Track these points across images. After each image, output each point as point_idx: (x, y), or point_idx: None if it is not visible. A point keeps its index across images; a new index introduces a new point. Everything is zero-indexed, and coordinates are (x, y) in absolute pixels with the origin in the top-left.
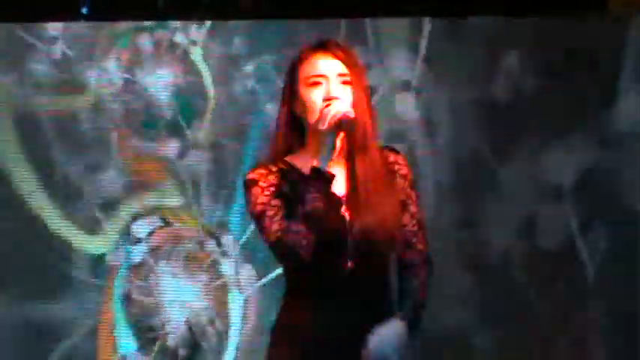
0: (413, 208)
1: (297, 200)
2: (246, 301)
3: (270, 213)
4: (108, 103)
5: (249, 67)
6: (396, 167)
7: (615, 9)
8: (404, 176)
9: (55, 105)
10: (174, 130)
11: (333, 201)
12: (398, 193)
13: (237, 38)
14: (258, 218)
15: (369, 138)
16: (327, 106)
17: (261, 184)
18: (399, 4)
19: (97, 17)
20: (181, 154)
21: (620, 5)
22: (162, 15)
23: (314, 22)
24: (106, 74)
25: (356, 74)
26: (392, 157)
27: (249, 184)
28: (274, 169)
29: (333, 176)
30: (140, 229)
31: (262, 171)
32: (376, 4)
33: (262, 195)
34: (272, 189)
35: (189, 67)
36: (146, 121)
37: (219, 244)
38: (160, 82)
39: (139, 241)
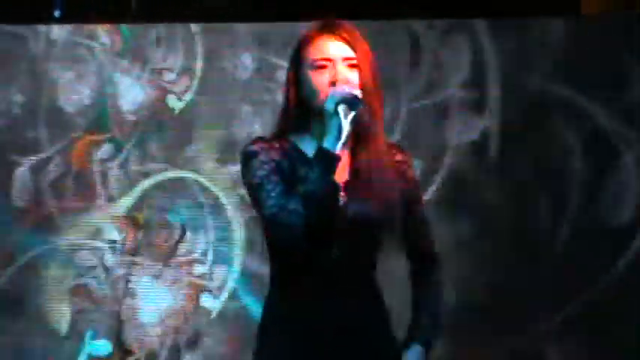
0: (420, 212)
1: (295, 180)
2: (218, 303)
3: (268, 187)
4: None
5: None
6: (403, 167)
7: (588, 11)
8: (411, 179)
9: None
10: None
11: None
12: (401, 190)
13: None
14: (255, 190)
15: (377, 123)
16: (334, 88)
17: (261, 157)
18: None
19: (70, 20)
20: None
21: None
22: (136, 17)
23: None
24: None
25: (363, 57)
26: (399, 156)
27: (249, 155)
28: (276, 145)
29: (338, 158)
30: (113, 232)
31: (264, 145)
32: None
33: (262, 168)
34: (272, 164)
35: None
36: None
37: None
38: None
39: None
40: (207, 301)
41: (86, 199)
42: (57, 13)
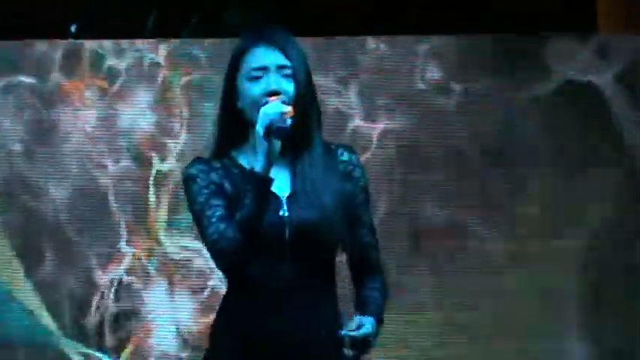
0: (365, 217)
1: (238, 199)
2: None
3: (207, 213)
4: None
5: None
6: (349, 168)
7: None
8: (357, 178)
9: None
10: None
11: (273, 199)
12: (346, 193)
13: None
14: (197, 218)
15: (312, 134)
16: (265, 104)
17: (199, 181)
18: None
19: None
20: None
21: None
22: (150, 34)
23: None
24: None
25: (299, 65)
26: (345, 156)
27: (188, 181)
28: (216, 164)
29: (269, 180)
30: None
31: (202, 167)
32: None
33: (200, 194)
34: (212, 187)
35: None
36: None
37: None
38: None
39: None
40: None
41: None
42: (73, 29)
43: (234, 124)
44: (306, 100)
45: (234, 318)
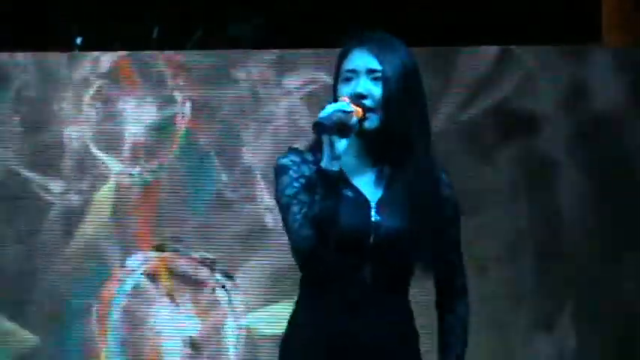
0: (455, 241)
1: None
2: (240, 329)
3: (294, 209)
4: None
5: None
6: (447, 191)
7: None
8: (447, 199)
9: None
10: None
11: (363, 202)
12: (440, 213)
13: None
14: (284, 212)
15: (408, 142)
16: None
17: (291, 172)
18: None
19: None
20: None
21: (616, 37)
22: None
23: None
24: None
25: (391, 69)
26: (444, 177)
27: (279, 170)
28: (310, 157)
29: (336, 173)
30: (135, 260)
31: (296, 158)
32: None
33: (290, 186)
34: (302, 180)
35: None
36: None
37: (214, 273)
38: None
39: (133, 270)
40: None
41: None
42: (79, 41)
43: None
44: (396, 106)
45: (312, 319)
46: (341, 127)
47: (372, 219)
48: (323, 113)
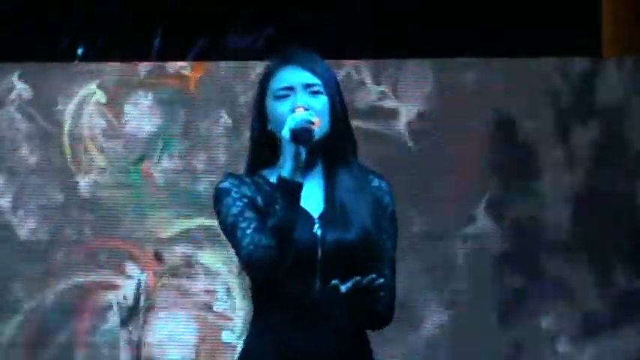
0: (387, 248)
1: (270, 214)
2: (239, 339)
3: (242, 225)
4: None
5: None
6: (379, 194)
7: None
8: (385, 207)
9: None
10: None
11: (306, 216)
12: (376, 218)
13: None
14: (230, 231)
15: (345, 154)
16: (292, 112)
17: (233, 194)
18: None
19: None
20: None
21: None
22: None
23: None
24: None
25: (327, 83)
26: (375, 182)
27: (220, 194)
28: (248, 180)
29: (298, 184)
30: (134, 268)
31: (234, 181)
32: None
33: (234, 206)
34: (245, 200)
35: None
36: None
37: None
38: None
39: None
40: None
41: None
42: (80, 51)
43: (264, 145)
44: (338, 117)
45: (264, 334)
46: (307, 136)
47: (316, 233)
48: (293, 124)
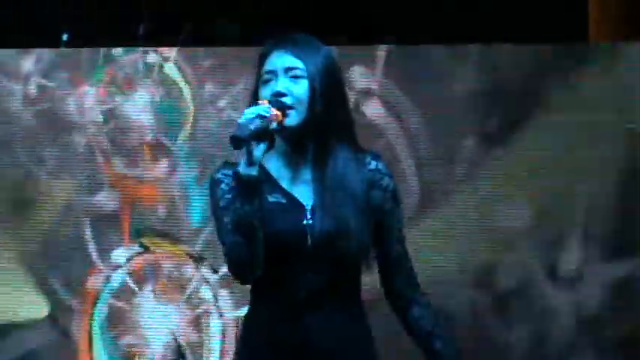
0: (394, 226)
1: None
2: (225, 326)
3: (226, 219)
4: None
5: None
6: (377, 176)
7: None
8: (384, 188)
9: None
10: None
11: (297, 206)
12: (372, 203)
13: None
14: (217, 223)
15: (332, 141)
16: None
17: (223, 185)
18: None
19: (77, 44)
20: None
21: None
22: (142, 40)
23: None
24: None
25: (312, 67)
26: (372, 164)
27: (213, 184)
28: None
29: (254, 178)
30: (120, 255)
31: (227, 171)
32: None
33: (223, 198)
34: (234, 192)
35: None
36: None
37: (199, 270)
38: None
39: (118, 266)
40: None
41: None
42: (65, 37)
43: None
44: (320, 103)
45: (257, 328)
46: (260, 134)
47: (305, 222)
48: (241, 121)
